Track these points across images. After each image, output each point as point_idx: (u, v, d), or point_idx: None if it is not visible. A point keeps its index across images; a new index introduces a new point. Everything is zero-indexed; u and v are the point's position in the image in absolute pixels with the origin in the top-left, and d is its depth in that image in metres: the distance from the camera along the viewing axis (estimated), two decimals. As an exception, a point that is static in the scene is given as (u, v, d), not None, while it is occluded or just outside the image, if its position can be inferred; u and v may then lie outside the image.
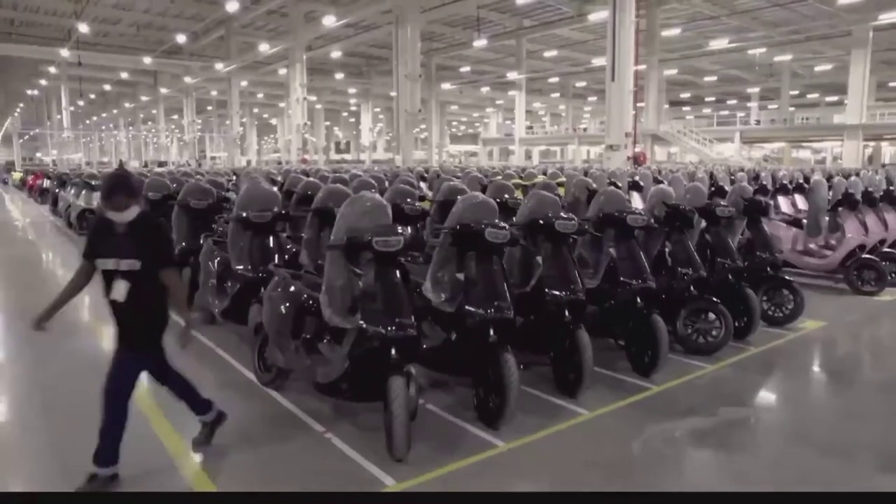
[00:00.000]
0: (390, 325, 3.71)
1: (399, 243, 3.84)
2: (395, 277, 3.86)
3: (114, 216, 3.21)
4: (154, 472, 3.56)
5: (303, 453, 3.72)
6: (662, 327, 4.80)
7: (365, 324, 3.76)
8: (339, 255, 4.11)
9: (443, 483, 3.38)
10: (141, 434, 4.11)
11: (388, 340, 3.71)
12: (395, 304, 3.79)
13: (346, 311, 4.06)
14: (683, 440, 3.90)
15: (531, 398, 4.49)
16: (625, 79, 19.50)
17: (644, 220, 5.21)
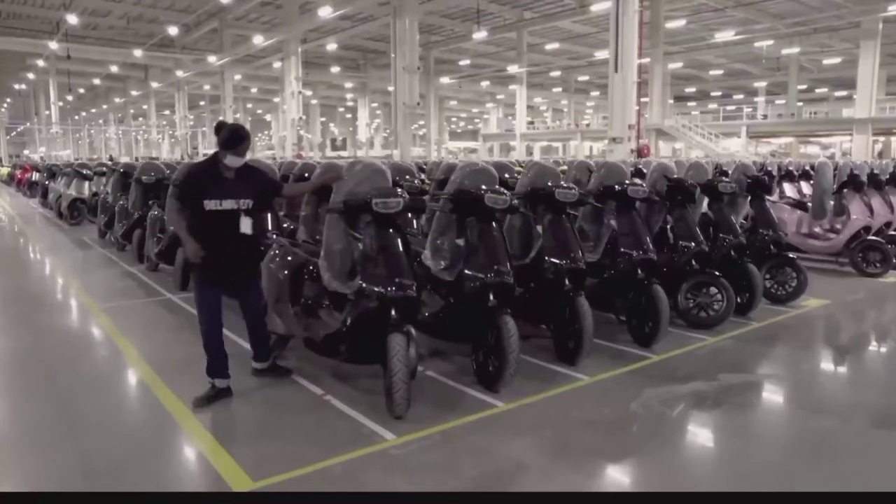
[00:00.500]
0: (390, 285, 3.85)
1: (399, 205, 3.98)
2: (394, 240, 4.00)
3: (231, 162, 3.89)
4: (159, 430, 3.69)
5: (302, 413, 3.84)
6: (663, 297, 4.94)
7: (364, 284, 3.89)
8: (338, 219, 4.25)
9: (443, 437, 3.51)
10: (143, 399, 4.25)
11: (388, 301, 3.84)
12: (395, 265, 3.92)
13: (345, 275, 4.20)
14: (682, 401, 4.03)
15: (530, 366, 4.62)
16: (628, 69, 19.62)
17: (645, 191, 5.35)
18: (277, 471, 3.14)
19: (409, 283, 3.89)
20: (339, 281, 4.14)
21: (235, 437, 3.57)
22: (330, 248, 4.25)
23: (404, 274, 3.90)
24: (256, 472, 3.14)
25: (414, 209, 4.22)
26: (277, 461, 3.25)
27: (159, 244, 7.48)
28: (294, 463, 3.21)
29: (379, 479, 3.07)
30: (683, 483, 3.07)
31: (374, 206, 3.94)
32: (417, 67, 26.61)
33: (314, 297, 4.56)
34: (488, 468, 3.17)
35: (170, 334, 5.61)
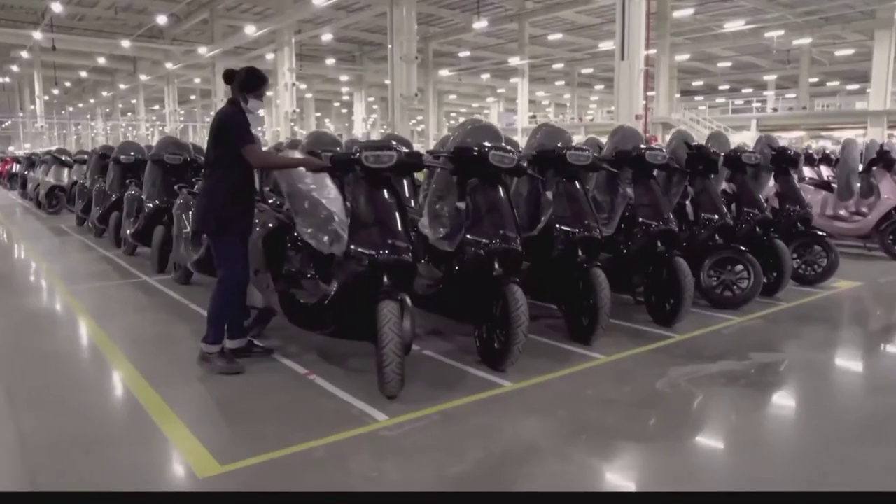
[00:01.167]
0: (382, 248, 3.48)
1: (391, 159, 3.62)
2: (387, 198, 3.63)
3: (254, 107, 3.75)
4: (117, 409, 3.31)
5: (283, 393, 3.47)
6: (686, 269, 4.57)
7: (353, 246, 3.53)
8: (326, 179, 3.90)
9: (442, 417, 3.14)
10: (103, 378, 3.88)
11: (380, 265, 3.47)
12: (388, 226, 3.55)
13: (333, 237, 3.83)
14: (713, 380, 3.66)
15: (539, 345, 4.26)
16: (635, 57, 19.30)
17: (664, 156, 4.99)
18: (250, 453, 2.77)
19: (403, 245, 3.53)
20: (327, 244, 3.77)
21: (205, 418, 3.19)
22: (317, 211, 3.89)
23: (399, 236, 3.54)
24: (225, 454, 2.77)
25: (409, 166, 3.85)
26: (251, 443, 2.88)
27: (136, 224, 7.10)
28: (270, 445, 2.83)
29: (368, 462, 2.70)
30: (724, 464, 2.70)
31: (364, 160, 3.58)
32: (416, 57, 26.30)
33: (297, 265, 4.19)
34: (495, 449, 2.80)
35: (140, 315, 5.24)
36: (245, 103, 3.73)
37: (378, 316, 3.25)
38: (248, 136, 3.65)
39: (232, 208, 3.73)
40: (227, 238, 3.76)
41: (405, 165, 3.75)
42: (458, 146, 4.11)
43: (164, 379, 3.74)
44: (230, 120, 3.67)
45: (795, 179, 6.40)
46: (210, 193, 3.77)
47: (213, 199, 3.72)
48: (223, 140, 3.68)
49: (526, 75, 37.07)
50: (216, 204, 3.70)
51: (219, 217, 3.71)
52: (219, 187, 3.72)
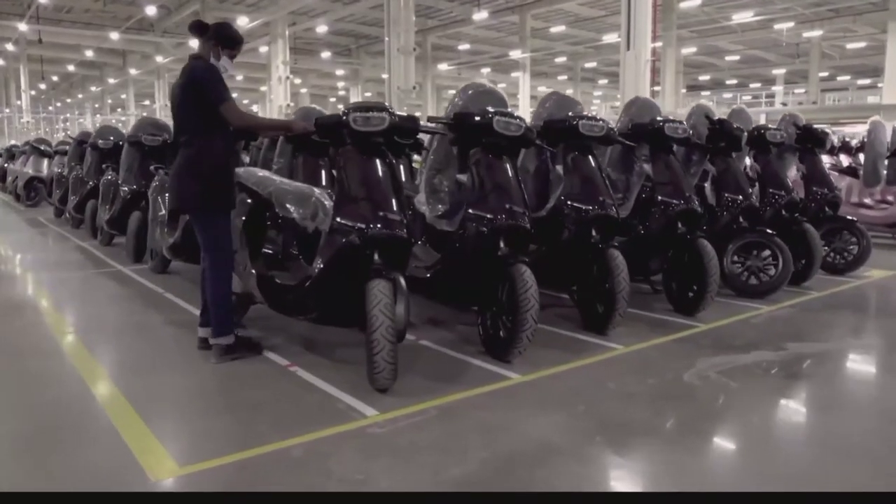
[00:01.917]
0: (373, 221, 3.12)
1: (382, 122, 3.27)
2: (379, 167, 3.28)
3: (228, 66, 3.40)
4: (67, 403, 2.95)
5: (259, 386, 3.11)
6: (710, 252, 4.21)
7: (340, 219, 3.17)
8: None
9: (441, 413, 2.78)
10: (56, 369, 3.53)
11: (370, 240, 3.12)
12: (380, 198, 3.20)
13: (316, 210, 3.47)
14: (747, 371, 3.30)
15: (550, 335, 3.91)
16: (641, 47, 18.94)
17: (685, 129, 4.64)
18: (216, 453, 2.41)
19: (397, 219, 3.17)
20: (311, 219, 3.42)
21: (169, 414, 2.84)
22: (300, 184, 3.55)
23: (391, 209, 3.18)
24: (187, 455, 2.41)
25: (403, 131, 3.48)
26: (219, 442, 2.52)
27: (111, 211, 6.74)
28: (241, 444, 2.48)
29: (352, 462, 2.34)
30: (773, 465, 2.34)
31: (352, 123, 3.22)
32: (413, 49, 25.99)
33: (277, 244, 3.84)
34: (502, 448, 2.44)
35: (109, 304, 4.87)
36: (217, 60, 3.37)
37: (367, 296, 2.89)
38: (227, 92, 3.27)
39: (219, 181, 3.37)
40: (216, 216, 3.40)
41: (398, 130, 3.38)
42: (458, 112, 3.76)
43: (128, 371, 3.39)
44: (208, 75, 3.26)
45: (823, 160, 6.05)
46: (192, 166, 3.34)
47: (196, 172, 3.32)
48: (203, 101, 3.27)
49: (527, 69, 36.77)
50: (201, 177, 3.31)
51: (205, 192, 3.33)
52: (202, 158, 3.32)
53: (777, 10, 29.34)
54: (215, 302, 3.42)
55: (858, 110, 31.60)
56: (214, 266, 3.41)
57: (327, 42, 37.86)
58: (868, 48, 33.97)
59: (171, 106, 3.40)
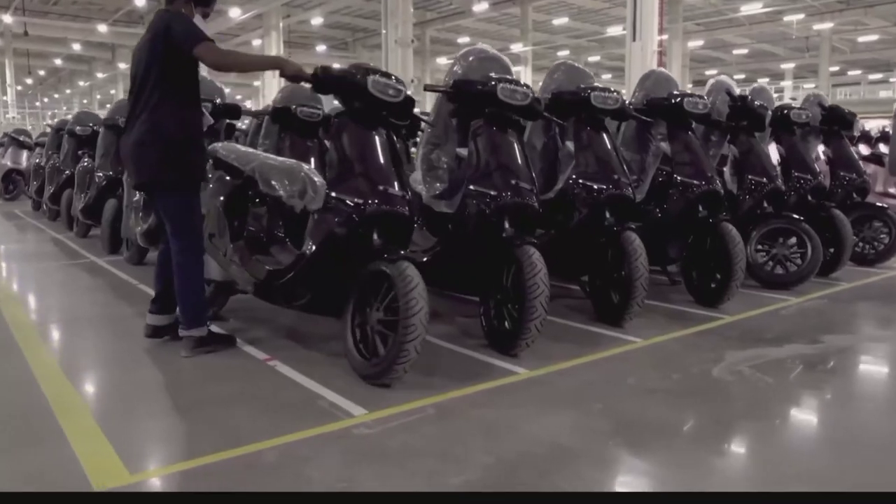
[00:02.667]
0: (372, 196, 2.82)
1: (399, 94, 2.97)
2: (379, 140, 2.97)
3: (201, 24, 3.02)
4: (11, 400, 2.65)
5: (237, 382, 2.80)
6: (735, 237, 3.92)
7: (335, 194, 2.87)
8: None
9: (438, 411, 2.48)
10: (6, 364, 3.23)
11: (369, 218, 2.81)
12: (379, 172, 2.89)
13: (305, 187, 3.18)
14: (782, 366, 3.00)
15: (561, 327, 3.62)
16: (647, 38, 18.70)
17: (706, 104, 4.34)
18: (175, 458, 2.11)
19: (398, 195, 2.87)
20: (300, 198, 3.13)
21: (127, 414, 2.53)
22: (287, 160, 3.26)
23: (392, 183, 2.88)
24: (141, 460, 2.11)
25: (399, 110, 3.12)
26: (180, 445, 2.23)
27: (86, 199, 6.43)
28: (206, 447, 2.17)
29: (334, 468, 2.04)
30: (822, 468, 2.05)
31: (370, 86, 2.89)
32: (412, 41, 25.71)
33: (262, 226, 3.54)
34: (508, 452, 2.14)
35: (77, 296, 4.57)
36: (191, 16, 3.04)
37: (398, 281, 2.60)
38: (203, 32, 2.89)
39: (188, 151, 3.02)
40: (185, 192, 3.06)
41: (411, 105, 3.08)
42: (458, 79, 3.46)
43: (86, 366, 3.10)
44: (178, 19, 2.90)
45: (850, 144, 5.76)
46: (157, 134, 2.95)
47: (162, 142, 2.94)
48: (173, 56, 2.89)
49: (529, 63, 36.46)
50: (167, 147, 2.95)
51: (173, 164, 2.97)
52: (168, 124, 2.95)
53: (786, 1, 29.08)
54: (187, 291, 3.11)
55: (870, 105, 31.35)
56: (184, 251, 3.09)
57: (323, 35, 37.59)
58: (880, 42, 33.71)
59: (133, 68, 3.05)
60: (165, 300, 3.24)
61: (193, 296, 3.12)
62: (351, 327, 2.88)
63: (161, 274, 3.25)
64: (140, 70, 3.00)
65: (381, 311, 2.76)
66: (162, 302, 3.25)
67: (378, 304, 2.77)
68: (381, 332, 2.76)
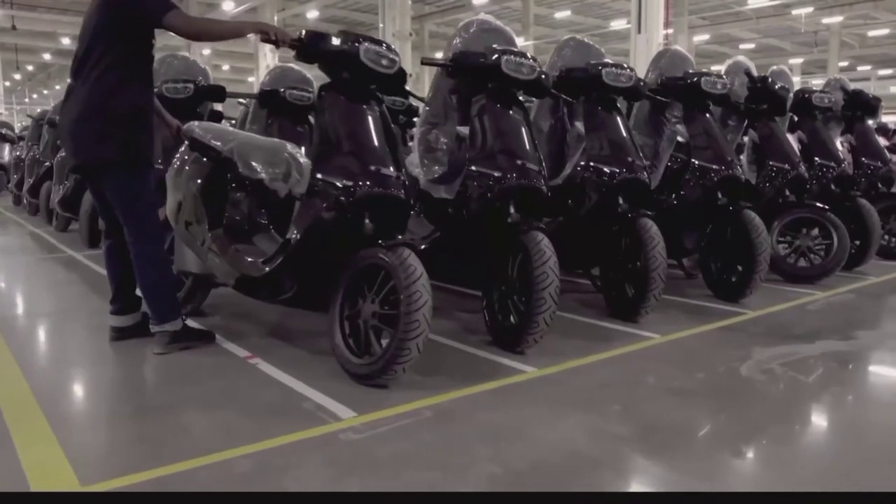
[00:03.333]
0: (363, 178, 2.58)
1: (393, 64, 2.76)
2: (371, 115, 2.74)
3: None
4: None
5: (215, 382, 2.57)
6: (759, 225, 3.69)
7: (322, 176, 2.63)
8: None
9: (436, 414, 2.24)
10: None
11: (359, 202, 2.58)
12: (371, 149, 2.66)
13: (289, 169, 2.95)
14: (818, 364, 2.77)
15: (571, 323, 3.40)
16: (653, 30, 18.52)
17: (725, 83, 4.11)
18: (135, 467, 1.87)
19: (392, 175, 2.63)
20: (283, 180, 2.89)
21: (86, 415, 2.30)
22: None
23: (386, 163, 2.65)
24: (96, 469, 1.87)
25: (388, 85, 2.89)
26: (144, 452, 1.99)
27: (63, 190, 6.20)
28: (173, 454, 1.94)
29: (315, 479, 1.80)
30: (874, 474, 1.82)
31: (362, 54, 2.66)
32: (410, 34, 25.52)
33: (242, 213, 3.31)
34: (518, 463, 1.90)
35: (49, 290, 4.34)
36: None
37: (398, 271, 2.36)
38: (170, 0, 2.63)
39: (139, 129, 2.76)
40: (135, 173, 2.80)
41: (403, 78, 2.85)
42: (459, 52, 3.23)
43: (47, 363, 2.87)
44: None
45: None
46: (102, 105, 2.66)
47: (107, 114, 2.66)
48: (129, 19, 2.64)
49: (530, 58, 36.16)
50: (114, 120, 2.67)
51: (120, 141, 2.69)
52: (117, 95, 2.67)
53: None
54: (151, 284, 2.87)
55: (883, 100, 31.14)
56: (141, 240, 2.83)
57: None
58: (889, 36, 33.52)
59: (82, 32, 2.74)
60: (125, 299, 3.01)
61: (159, 288, 2.89)
62: (339, 321, 2.64)
63: (112, 271, 3.01)
64: (85, 40, 2.72)
65: (376, 303, 2.53)
66: (122, 301, 3.01)
67: (373, 297, 2.54)
68: (376, 326, 2.53)
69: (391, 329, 2.44)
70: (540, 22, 34.71)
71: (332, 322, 2.64)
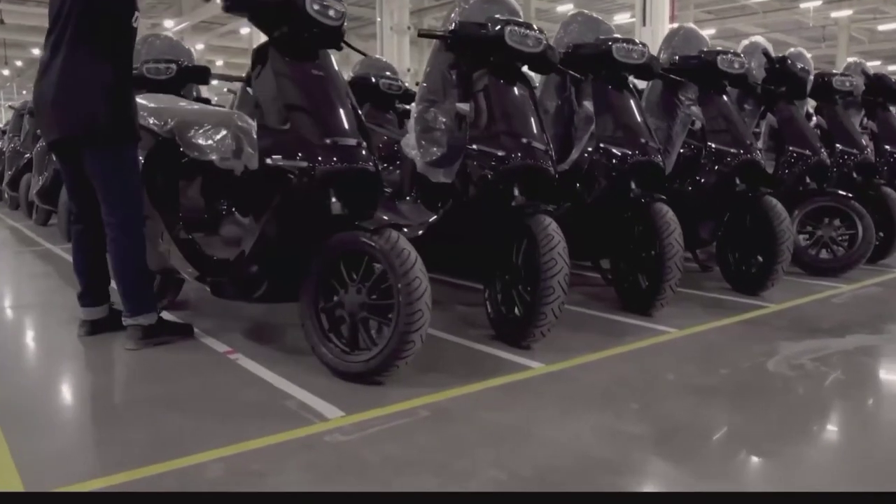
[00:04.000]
0: (324, 152, 2.36)
1: (340, 16, 2.55)
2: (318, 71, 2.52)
3: None
4: None
5: (190, 378, 2.38)
6: (781, 212, 3.51)
7: (273, 159, 2.40)
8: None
9: (434, 414, 2.06)
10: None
11: (324, 176, 2.36)
12: (328, 114, 2.45)
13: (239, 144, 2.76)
14: (849, 359, 2.59)
15: (580, 316, 3.22)
16: (658, 22, 18.39)
17: (742, 62, 3.93)
18: (94, 472, 1.69)
19: (352, 144, 2.41)
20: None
21: (44, 417, 2.11)
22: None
23: (344, 130, 2.42)
24: (49, 475, 1.69)
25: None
26: (105, 456, 1.81)
27: (42, 181, 6.00)
28: (136, 458, 1.75)
29: (295, 486, 1.62)
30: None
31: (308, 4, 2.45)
32: (408, 27, 25.35)
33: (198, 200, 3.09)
34: (525, 468, 1.72)
35: (19, 283, 4.16)
36: None
37: (391, 257, 2.17)
38: None
39: (128, 103, 2.62)
40: (125, 148, 2.63)
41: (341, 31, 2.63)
42: (459, 23, 3.04)
43: (11, 362, 2.67)
44: None
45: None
46: (91, 74, 2.51)
47: (99, 84, 2.52)
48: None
49: (532, 53, 36.05)
50: (106, 91, 2.53)
51: (111, 114, 2.55)
52: (106, 64, 2.54)
53: (802, -13, 28.74)
54: (128, 271, 2.69)
55: (892, 96, 30.96)
56: (125, 223, 2.65)
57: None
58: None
59: (56, 3, 2.56)
60: (96, 289, 2.81)
61: (137, 277, 2.71)
62: (316, 315, 2.43)
63: (83, 259, 2.81)
64: (63, 11, 2.54)
65: (363, 293, 2.33)
66: (93, 292, 2.81)
67: (359, 286, 2.34)
68: (364, 318, 2.34)
69: (381, 319, 2.25)
70: (541, 17, 34.55)
71: (306, 317, 2.42)
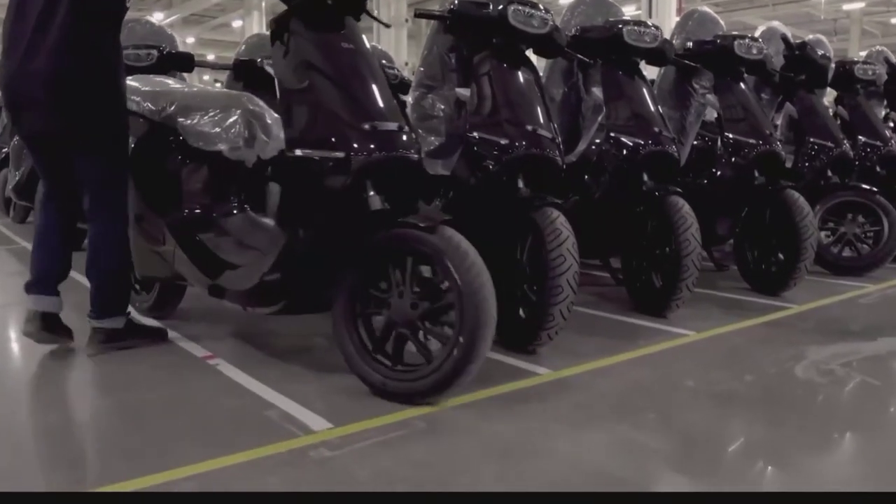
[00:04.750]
0: (356, 139, 2.16)
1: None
2: (358, 55, 2.34)
3: None
4: None
5: (164, 386, 2.24)
6: (804, 207, 3.38)
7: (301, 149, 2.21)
8: None
9: (430, 426, 1.91)
10: None
11: (362, 167, 2.15)
12: (367, 97, 2.25)
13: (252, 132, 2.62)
14: (883, 364, 2.46)
15: (589, 318, 3.08)
16: (664, 17, 18.31)
17: (760, 48, 3.79)
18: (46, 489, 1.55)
19: (394, 128, 2.18)
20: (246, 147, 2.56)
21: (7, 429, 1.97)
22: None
23: (388, 115, 2.20)
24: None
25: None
26: (50, 475, 1.67)
27: (19, 176, 5.85)
28: (96, 476, 1.62)
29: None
30: None
31: None
32: (406, 20, 25.26)
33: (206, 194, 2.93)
34: (529, 483, 1.57)
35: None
36: None
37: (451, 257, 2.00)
38: None
39: (116, 90, 2.46)
40: (113, 143, 2.49)
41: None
42: (460, 1, 2.89)
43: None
44: None
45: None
46: (88, 61, 2.33)
47: (98, 73, 2.36)
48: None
49: (534, 48, 36.04)
50: (105, 82, 2.38)
51: (118, 105, 2.45)
52: (103, 50, 2.39)
53: (813, -21, 28.67)
54: (110, 270, 2.54)
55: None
56: (113, 220, 2.52)
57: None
58: (913, 24, 33.28)
59: None
60: (52, 278, 2.59)
61: (117, 275, 2.57)
62: (352, 323, 2.16)
63: (45, 253, 2.59)
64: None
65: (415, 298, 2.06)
66: (49, 282, 2.58)
67: (411, 291, 2.06)
68: (416, 328, 2.07)
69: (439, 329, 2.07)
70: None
71: (341, 325, 2.14)
